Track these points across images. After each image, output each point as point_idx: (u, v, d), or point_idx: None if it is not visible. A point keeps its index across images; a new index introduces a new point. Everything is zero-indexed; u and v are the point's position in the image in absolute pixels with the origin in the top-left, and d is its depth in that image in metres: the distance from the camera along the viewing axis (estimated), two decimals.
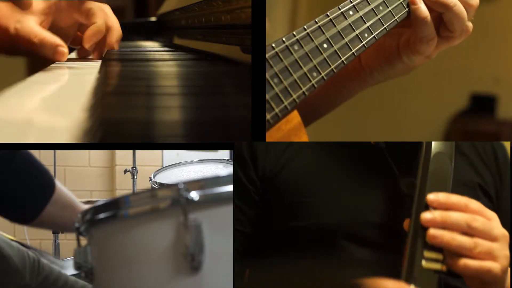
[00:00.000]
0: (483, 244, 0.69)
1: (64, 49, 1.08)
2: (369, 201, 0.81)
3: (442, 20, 0.87)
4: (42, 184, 1.10)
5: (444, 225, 0.69)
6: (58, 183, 1.12)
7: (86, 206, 1.15)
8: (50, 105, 0.65)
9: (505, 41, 3.10)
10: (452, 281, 0.78)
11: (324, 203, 0.82)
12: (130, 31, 1.96)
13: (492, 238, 0.69)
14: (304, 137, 0.74)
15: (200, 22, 1.28)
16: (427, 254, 0.69)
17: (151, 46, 1.66)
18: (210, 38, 1.19)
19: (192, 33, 1.39)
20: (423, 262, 0.69)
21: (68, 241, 2.52)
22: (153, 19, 2.05)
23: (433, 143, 0.75)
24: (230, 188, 0.80)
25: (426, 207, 0.71)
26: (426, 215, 0.69)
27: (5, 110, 0.61)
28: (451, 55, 0.93)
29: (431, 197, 0.71)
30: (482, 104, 3.24)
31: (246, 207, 0.84)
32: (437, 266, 0.69)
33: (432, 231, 0.68)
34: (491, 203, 0.87)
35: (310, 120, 0.98)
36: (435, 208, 0.70)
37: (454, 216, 0.69)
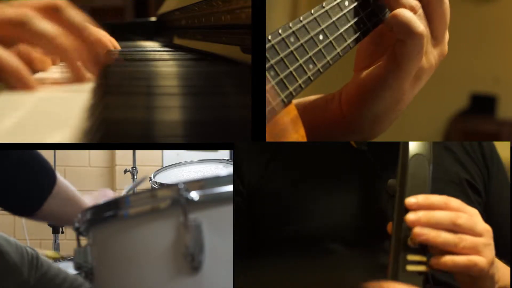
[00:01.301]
0: (468, 239, 0.69)
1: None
2: (354, 204, 0.82)
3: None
4: (43, 177, 1.09)
5: (429, 225, 0.69)
6: (60, 177, 1.12)
7: (88, 199, 1.15)
8: (50, 106, 0.65)
9: (505, 41, 3.10)
10: (442, 276, 0.78)
11: (310, 209, 0.82)
12: (130, 31, 1.96)
13: (476, 234, 0.70)
14: (301, 130, 0.74)
15: (200, 22, 1.28)
16: (410, 257, 0.69)
17: (151, 46, 1.66)
18: (210, 38, 1.19)
19: (192, 33, 1.39)
20: (407, 266, 0.69)
21: (68, 241, 2.52)
22: (153, 19, 2.05)
23: (410, 145, 0.74)
24: (230, 188, 0.80)
25: (407, 210, 0.70)
26: (411, 216, 0.69)
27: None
28: (451, 55, 0.90)
29: (411, 200, 0.70)
30: (482, 104, 3.24)
31: (235, 218, 0.82)
32: (421, 268, 0.70)
33: (417, 230, 0.69)
34: (480, 197, 0.88)
35: None
36: (415, 211, 0.70)
37: (438, 215, 0.70)
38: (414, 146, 0.74)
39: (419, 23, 0.77)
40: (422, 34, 0.77)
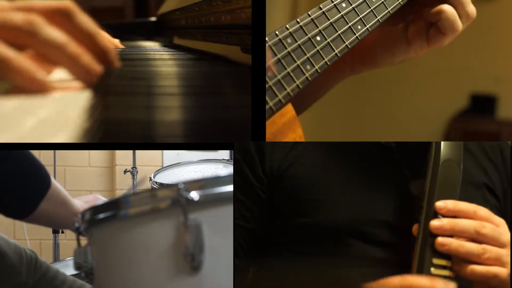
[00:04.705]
0: (492, 250, 0.69)
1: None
2: (378, 200, 0.81)
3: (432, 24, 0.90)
4: (38, 179, 1.09)
5: (453, 232, 0.70)
6: (54, 180, 1.12)
7: (79, 203, 1.15)
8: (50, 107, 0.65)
9: (505, 41, 3.10)
10: None
11: (331, 200, 0.81)
12: (130, 31, 1.96)
13: (500, 244, 0.70)
14: (298, 131, 0.74)
15: (200, 22, 1.28)
16: (435, 261, 0.70)
17: (151, 46, 1.66)
18: (210, 38, 1.19)
19: (192, 33, 1.39)
20: (432, 269, 0.70)
21: (68, 241, 2.52)
22: (153, 19, 2.05)
23: (442, 148, 0.75)
24: (230, 188, 0.80)
25: (435, 214, 0.71)
26: (435, 223, 0.70)
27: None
28: (451, 55, 0.94)
29: (440, 204, 0.71)
30: (482, 104, 3.24)
31: (252, 204, 0.83)
32: (445, 272, 0.70)
33: (440, 239, 0.69)
34: (498, 202, 0.87)
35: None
36: (443, 215, 0.71)
37: (463, 223, 0.70)
38: (445, 151, 0.75)
39: (459, 22, 0.87)
40: (459, 31, 0.87)
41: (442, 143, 0.75)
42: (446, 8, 0.86)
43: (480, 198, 0.84)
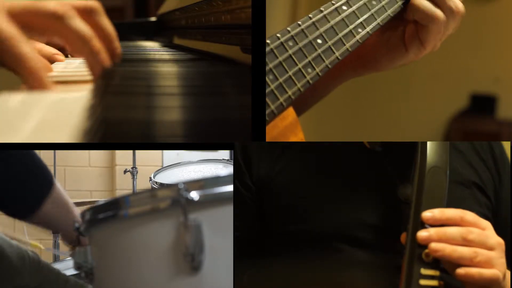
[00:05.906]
0: (483, 253, 0.70)
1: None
2: (366, 204, 0.81)
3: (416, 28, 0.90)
4: (41, 180, 1.09)
5: (441, 241, 0.70)
6: (56, 182, 1.12)
7: (78, 209, 1.15)
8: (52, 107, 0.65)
9: (505, 41, 3.10)
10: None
11: (320, 206, 0.82)
12: (130, 31, 1.96)
13: (488, 248, 0.71)
14: (300, 134, 0.74)
15: (200, 22, 1.28)
16: (424, 271, 0.70)
17: (151, 46, 1.66)
18: (210, 38, 1.19)
19: (192, 33, 1.39)
20: (421, 280, 0.70)
21: None
22: (153, 19, 2.05)
23: (428, 154, 0.73)
24: (230, 188, 0.80)
25: (422, 224, 0.71)
26: (422, 234, 0.70)
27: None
28: (451, 55, 0.94)
29: (427, 214, 0.71)
30: (482, 104, 3.24)
31: (242, 213, 0.84)
32: (434, 282, 0.70)
33: (433, 245, 0.69)
34: (489, 201, 0.87)
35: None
36: (430, 225, 0.71)
37: (450, 231, 0.70)
38: (431, 157, 0.73)
39: (435, 8, 0.86)
40: (440, 17, 0.86)
41: (428, 146, 0.74)
42: (420, 2, 0.87)
43: (470, 197, 0.84)
